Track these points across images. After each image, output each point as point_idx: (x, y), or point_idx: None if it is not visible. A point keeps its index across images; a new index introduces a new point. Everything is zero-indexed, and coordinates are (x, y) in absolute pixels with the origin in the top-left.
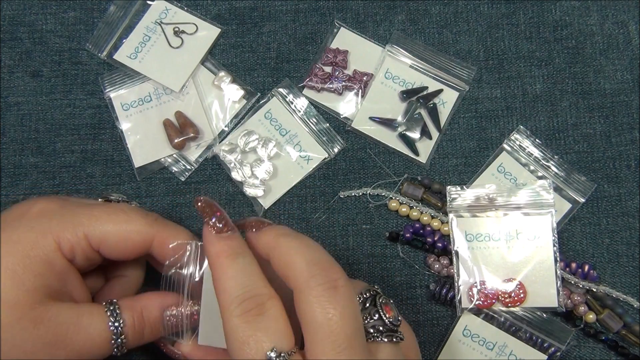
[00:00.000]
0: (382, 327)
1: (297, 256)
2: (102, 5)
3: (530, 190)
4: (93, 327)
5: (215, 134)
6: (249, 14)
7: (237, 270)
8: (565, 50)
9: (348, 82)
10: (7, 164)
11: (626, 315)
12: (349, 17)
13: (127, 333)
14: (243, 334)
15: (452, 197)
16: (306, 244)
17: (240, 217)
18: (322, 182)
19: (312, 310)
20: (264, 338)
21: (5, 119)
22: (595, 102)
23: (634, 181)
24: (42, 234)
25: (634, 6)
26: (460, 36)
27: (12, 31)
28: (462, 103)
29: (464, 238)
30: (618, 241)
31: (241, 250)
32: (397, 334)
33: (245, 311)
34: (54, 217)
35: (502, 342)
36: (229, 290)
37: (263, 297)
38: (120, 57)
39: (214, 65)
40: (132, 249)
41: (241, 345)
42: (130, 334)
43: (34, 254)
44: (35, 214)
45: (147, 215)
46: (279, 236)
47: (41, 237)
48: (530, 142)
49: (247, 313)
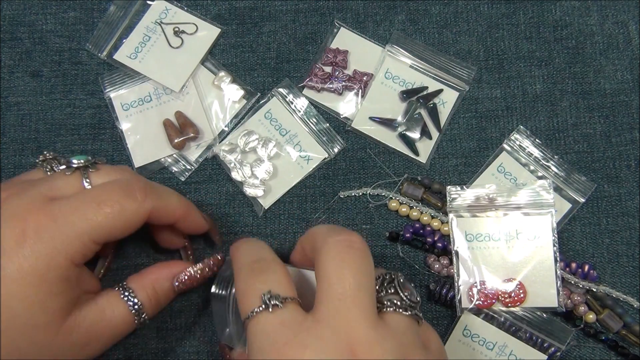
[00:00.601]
0: (398, 302)
1: (319, 227)
2: (102, 5)
3: (530, 190)
4: (116, 316)
5: (215, 134)
6: (249, 14)
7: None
8: (565, 50)
9: (348, 82)
10: (7, 164)
11: (626, 315)
12: (349, 17)
13: (146, 309)
14: (246, 284)
15: (452, 197)
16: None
17: (240, 217)
18: (322, 182)
19: (326, 263)
20: (261, 286)
21: (5, 119)
22: (595, 102)
23: (634, 181)
24: (52, 258)
25: (634, 6)
26: (460, 36)
27: (12, 31)
28: (462, 103)
29: (464, 238)
30: (618, 241)
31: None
32: (415, 310)
33: (251, 269)
34: (56, 236)
35: (502, 342)
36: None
37: (268, 259)
38: (120, 57)
39: (214, 65)
40: (133, 228)
41: (244, 294)
42: (148, 309)
43: (50, 277)
44: (34, 236)
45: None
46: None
47: (53, 260)
48: (530, 142)
49: (252, 270)
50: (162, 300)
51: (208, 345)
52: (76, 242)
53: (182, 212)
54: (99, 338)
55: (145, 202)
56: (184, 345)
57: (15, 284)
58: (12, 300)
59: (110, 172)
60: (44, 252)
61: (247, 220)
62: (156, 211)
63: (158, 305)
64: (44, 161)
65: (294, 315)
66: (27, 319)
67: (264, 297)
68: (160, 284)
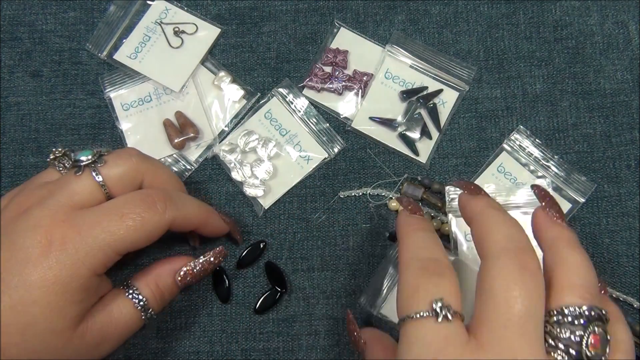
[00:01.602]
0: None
1: (498, 226)
2: (102, 5)
3: (530, 190)
4: (124, 315)
5: (215, 134)
6: (249, 14)
7: (425, 239)
8: (565, 50)
9: (348, 82)
10: (7, 164)
11: (626, 315)
12: (349, 17)
13: (152, 305)
14: (416, 281)
15: (451, 197)
16: (511, 221)
17: (240, 217)
18: (322, 182)
19: (493, 280)
20: (434, 290)
21: (5, 119)
22: (595, 102)
23: (634, 181)
24: (76, 269)
25: (634, 6)
26: (460, 36)
27: (12, 31)
28: (462, 103)
29: (463, 238)
30: (618, 241)
31: (430, 228)
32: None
33: (424, 267)
34: (80, 248)
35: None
36: (414, 251)
37: (444, 263)
38: (120, 57)
39: (214, 65)
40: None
41: (412, 292)
42: (154, 305)
43: (72, 286)
44: (59, 247)
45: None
46: (487, 206)
47: (76, 271)
48: (530, 142)
49: (425, 268)
50: (166, 295)
51: (208, 345)
52: (99, 254)
53: (202, 219)
54: (110, 338)
55: (166, 214)
56: (184, 345)
57: (39, 291)
58: (34, 307)
59: (119, 162)
60: (68, 262)
61: (247, 220)
62: (176, 220)
63: (163, 300)
64: (55, 159)
65: (458, 333)
66: (47, 325)
67: (435, 304)
68: (162, 279)
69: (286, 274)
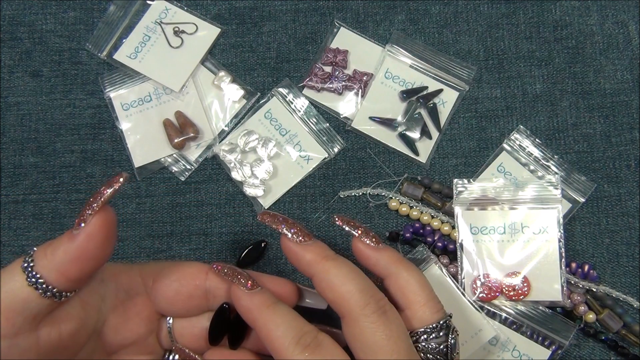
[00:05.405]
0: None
1: (350, 285)
2: (102, 5)
3: (538, 185)
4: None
5: (215, 133)
6: (249, 14)
7: (282, 316)
8: (565, 50)
9: (348, 82)
10: (7, 164)
11: (626, 315)
12: (349, 17)
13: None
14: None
15: (458, 190)
16: (355, 271)
17: (240, 217)
18: (322, 182)
19: (371, 335)
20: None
21: (5, 119)
22: (595, 102)
23: (634, 181)
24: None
25: (634, 6)
26: (460, 36)
27: (12, 31)
28: (462, 103)
29: (469, 231)
30: (618, 241)
31: (275, 299)
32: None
33: (305, 346)
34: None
35: (505, 337)
36: (283, 334)
37: (313, 331)
38: (120, 57)
39: (214, 65)
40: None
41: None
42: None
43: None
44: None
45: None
46: (324, 259)
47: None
48: (530, 142)
49: (307, 347)
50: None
51: None
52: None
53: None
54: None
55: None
56: None
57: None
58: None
59: None
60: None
61: (247, 220)
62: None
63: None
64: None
65: None
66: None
67: None
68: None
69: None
